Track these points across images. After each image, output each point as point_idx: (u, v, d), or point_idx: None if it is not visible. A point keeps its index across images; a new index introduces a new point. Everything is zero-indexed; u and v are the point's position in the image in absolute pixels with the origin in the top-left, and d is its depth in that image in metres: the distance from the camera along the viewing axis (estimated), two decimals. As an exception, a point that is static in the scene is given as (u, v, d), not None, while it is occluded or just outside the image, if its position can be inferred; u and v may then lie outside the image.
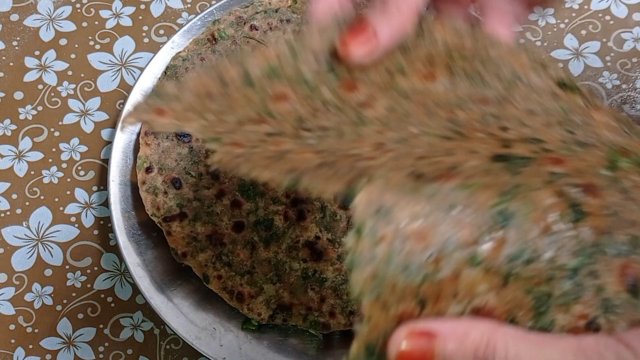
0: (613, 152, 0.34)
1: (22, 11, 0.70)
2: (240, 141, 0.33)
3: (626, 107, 0.63)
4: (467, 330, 0.27)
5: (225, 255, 0.57)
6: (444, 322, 0.28)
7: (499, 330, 0.27)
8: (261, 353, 0.56)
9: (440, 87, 0.37)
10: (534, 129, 0.35)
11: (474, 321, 0.28)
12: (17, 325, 0.59)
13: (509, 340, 0.27)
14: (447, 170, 0.31)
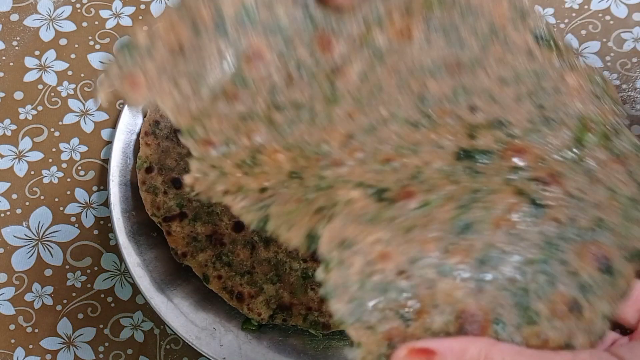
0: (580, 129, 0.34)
1: (22, 11, 0.70)
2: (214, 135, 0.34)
3: (626, 107, 0.63)
4: (464, 347, 0.28)
5: (225, 255, 0.57)
6: (443, 341, 0.29)
7: (495, 347, 0.28)
8: (261, 353, 0.56)
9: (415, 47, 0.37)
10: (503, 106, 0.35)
11: (471, 338, 0.28)
12: (17, 325, 0.59)
13: (505, 356, 0.27)
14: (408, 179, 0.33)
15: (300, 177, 0.34)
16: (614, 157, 0.35)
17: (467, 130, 0.35)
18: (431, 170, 0.34)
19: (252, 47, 0.35)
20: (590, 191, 0.33)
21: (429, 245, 0.31)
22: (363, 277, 0.31)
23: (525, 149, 0.34)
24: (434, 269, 0.31)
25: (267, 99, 0.35)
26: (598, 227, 0.32)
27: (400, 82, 0.36)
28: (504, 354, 0.28)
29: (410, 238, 0.32)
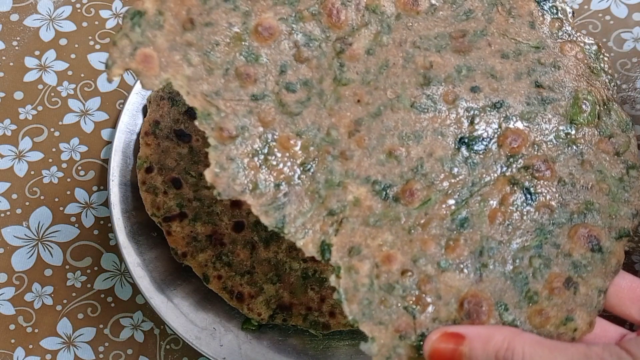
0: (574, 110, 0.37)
1: (22, 11, 0.70)
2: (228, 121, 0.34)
3: (626, 107, 0.63)
4: (491, 334, 0.31)
5: (225, 255, 0.57)
6: (472, 327, 0.32)
7: (518, 336, 0.30)
8: (261, 353, 0.56)
9: (422, 17, 0.38)
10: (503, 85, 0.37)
11: (498, 327, 0.31)
12: (17, 325, 0.59)
13: (526, 345, 0.30)
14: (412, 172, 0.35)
15: (311, 171, 0.35)
16: (603, 137, 0.37)
17: (469, 114, 0.37)
18: (433, 160, 0.36)
19: (261, 21, 0.35)
20: (580, 175, 0.35)
21: (429, 244, 0.34)
22: (371, 280, 0.33)
23: (520, 135, 0.36)
24: (434, 264, 0.33)
25: (277, 78, 0.36)
26: (587, 210, 0.34)
27: (406, 57, 0.37)
28: (525, 343, 0.30)
29: (411, 238, 0.34)
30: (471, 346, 0.31)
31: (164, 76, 0.34)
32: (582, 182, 0.35)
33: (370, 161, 0.36)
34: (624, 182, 0.36)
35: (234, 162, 0.34)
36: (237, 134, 0.34)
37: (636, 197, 0.35)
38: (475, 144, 0.36)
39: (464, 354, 0.31)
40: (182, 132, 0.61)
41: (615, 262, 0.34)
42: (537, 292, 0.33)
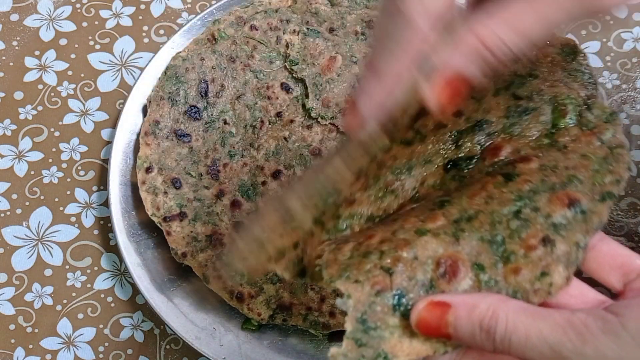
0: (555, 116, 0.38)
1: (22, 11, 0.70)
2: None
3: (626, 107, 0.63)
4: (476, 302, 0.31)
5: (225, 255, 0.57)
6: (458, 296, 0.32)
7: (503, 303, 0.30)
8: (261, 353, 0.56)
9: None
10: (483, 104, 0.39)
11: (483, 295, 0.31)
12: (17, 325, 0.59)
13: (510, 312, 0.30)
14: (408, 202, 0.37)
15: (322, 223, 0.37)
16: (586, 131, 0.37)
17: (453, 139, 0.38)
18: (426, 187, 0.38)
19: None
20: (563, 160, 0.36)
21: (410, 219, 0.35)
22: (352, 253, 0.34)
23: (503, 146, 0.37)
24: (412, 232, 0.34)
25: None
26: (570, 181, 0.34)
27: None
28: (509, 310, 0.30)
29: (394, 218, 0.36)
30: (456, 314, 0.31)
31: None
32: (565, 164, 0.35)
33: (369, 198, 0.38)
34: (609, 159, 0.36)
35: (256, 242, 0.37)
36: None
37: (621, 168, 0.35)
38: (462, 163, 0.38)
39: (449, 323, 0.31)
40: (182, 132, 0.61)
41: (597, 220, 0.33)
42: (514, 252, 0.33)
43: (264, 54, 0.64)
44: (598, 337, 0.28)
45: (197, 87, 0.62)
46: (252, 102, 0.62)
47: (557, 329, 0.29)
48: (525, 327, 0.29)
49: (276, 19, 0.65)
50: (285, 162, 0.60)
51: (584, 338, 0.28)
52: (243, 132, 0.61)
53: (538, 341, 0.29)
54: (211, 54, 0.63)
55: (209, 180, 0.59)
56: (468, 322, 0.30)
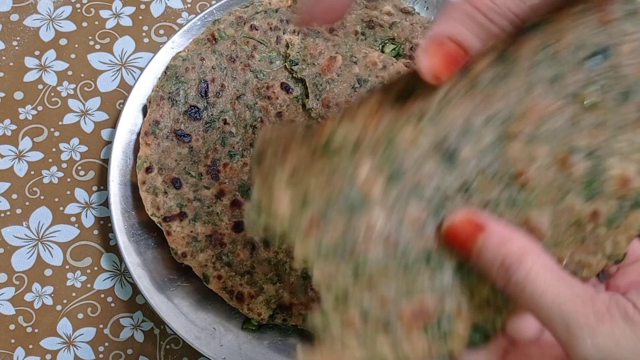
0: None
1: (22, 11, 0.70)
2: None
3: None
4: (510, 238, 0.30)
5: (225, 255, 0.57)
6: (498, 224, 0.30)
7: (534, 252, 0.29)
8: (261, 353, 0.56)
9: None
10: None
11: (522, 235, 0.30)
12: (17, 325, 0.59)
13: (536, 263, 0.29)
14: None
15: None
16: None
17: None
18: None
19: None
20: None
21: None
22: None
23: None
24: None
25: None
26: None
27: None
28: (537, 261, 0.29)
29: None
30: (487, 240, 0.30)
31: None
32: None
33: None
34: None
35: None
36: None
37: None
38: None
39: (476, 244, 0.30)
40: (182, 132, 0.61)
41: None
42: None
43: (264, 54, 0.64)
44: (617, 321, 0.27)
45: (197, 87, 0.62)
46: (252, 102, 0.62)
47: (575, 300, 0.28)
48: (545, 284, 0.28)
49: (276, 19, 0.65)
50: (285, 162, 0.60)
51: (601, 318, 0.27)
52: (243, 132, 0.61)
53: (551, 303, 0.28)
54: (211, 54, 0.63)
55: (209, 180, 0.59)
56: (494, 252, 0.30)
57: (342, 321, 0.32)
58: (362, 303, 0.32)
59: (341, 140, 0.33)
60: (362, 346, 0.31)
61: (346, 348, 0.31)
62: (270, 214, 0.33)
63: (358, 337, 0.31)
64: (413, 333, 0.32)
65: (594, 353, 0.27)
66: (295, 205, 0.33)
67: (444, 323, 0.32)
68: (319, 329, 0.32)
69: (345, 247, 0.32)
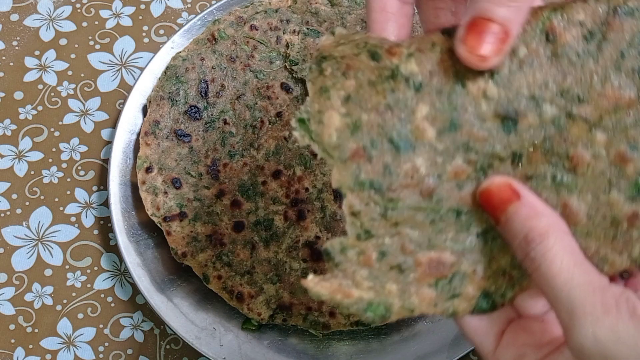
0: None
1: (22, 11, 0.70)
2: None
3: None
4: (541, 213, 0.30)
5: (225, 255, 0.57)
6: (534, 197, 0.31)
7: (560, 232, 0.29)
8: (261, 353, 0.56)
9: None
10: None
11: (554, 213, 0.30)
12: (17, 325, 0.59)
13: (558, 243, 0.29)
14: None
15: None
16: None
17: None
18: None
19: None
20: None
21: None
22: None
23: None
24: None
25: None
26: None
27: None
28: (559, 242, 0.29)
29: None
30: (518, 210, 0.30)
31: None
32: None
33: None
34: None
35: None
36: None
37: None
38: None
39: (506, 211, 0.30)
40: (182, 132, 0.61)
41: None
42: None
43: (264, 54, 0.64)
44: (623, 316, 0.27)
45: (197, 87, 0.62)
46: (252, 102, 0.62)
47: (587, 288, 0.28)
48: (562, 266, 0.28)
49: (276, 19, 0.65)
50: (285, 162, 0.60)
51: (607, 310, 0.27)
52: (243, 132, 0.61)
53: (562, 286, 0.28)
54: (211, 54, 0.63)
55: (209, 180, 0.59)
56: (521, 223, 0.30)
57: (359, 254, 0.31)
58: (383, 243, 0.31)
59: (407, 75, 0.32)
60: (372, 287, 0.31)
61: (356, 285, 0.31)
62: (319, 126, 0.32)
63: (370, 276, 0.31)
64: (424, 283, 0.31)
65: (592, 342, 0.27)
66: (345, 128, 0.32)
67: (456, 282, 0.32)
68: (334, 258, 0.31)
69: (383, 185, 0.32)
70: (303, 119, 0.32)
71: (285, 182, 0.59)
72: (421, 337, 0.57)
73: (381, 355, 0.56)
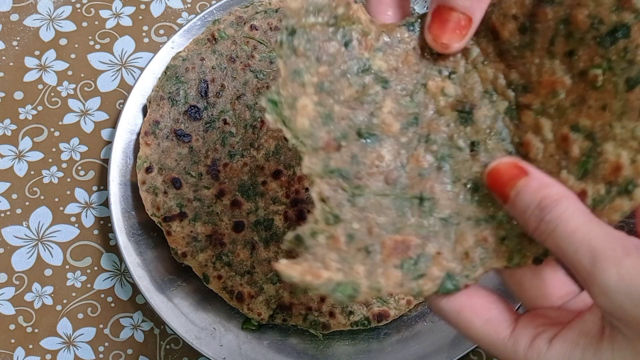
0: None
1: (22, 11, 0.70)
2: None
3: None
4: (550, 184, 0.31)
5: (225, 255, 0.57)
6: (539, 171, 0.32)
7: (572, 197, 0.31)
8: (261, 353, 0.56)
9: None
10: None
11: (560, 184, 0.31)
12: (17, 325, 0.59)
13: (572, 207, 0.30)
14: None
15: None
16: None
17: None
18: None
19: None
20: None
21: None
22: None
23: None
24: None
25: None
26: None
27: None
28: (572, 205, 0.30)
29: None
30: (527, 183, 0.31)
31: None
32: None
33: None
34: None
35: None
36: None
37: None
38: None
39: (516, 186, 0.31)
40: (182, 132, 0.61)
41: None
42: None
43: (264, 54, 0.64)
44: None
45: (197, 87, 0.62)
46: (252, 102, 0.62)
47: (606, 237, 0.29)
48: (577, 224, 0.29)
49: (276, 19, 0.65)
50: (285, 162, 0.60)
51: (628, 252, 0.28)
52: (243, 132, 0.61)
53: (582, 239, 0.29)
54: (211, 54, 0.63)
55: (209, 180, 0.59)
56: (532, 194, 0.31)
57: (328, 237, 0.32)
58: (351, 227, 0.32)
59: (376, 71, 0.34)
60: (340, 269, 0.31)
61: (326, 267, 0.32)
62: (292, 111, 0.32)
63: (339, 258, 0.32)
64: (390, 264, 0.32)
65: (617, 281, 0.28)
66: (317, 117, 0.33)
67: (421, 263, 0.33)
68: (305, 242, 0.32)
69: (350, 173, 0.33)
70: (275, 101, 0.32)
71: (285, 182, 0.59)
72: (421, 337, 0.57)
73: (381, 355, 0.56)
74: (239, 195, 0.59)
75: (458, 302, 0.33)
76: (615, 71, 0.31)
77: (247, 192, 0.59)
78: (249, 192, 0.59)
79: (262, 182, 0.59)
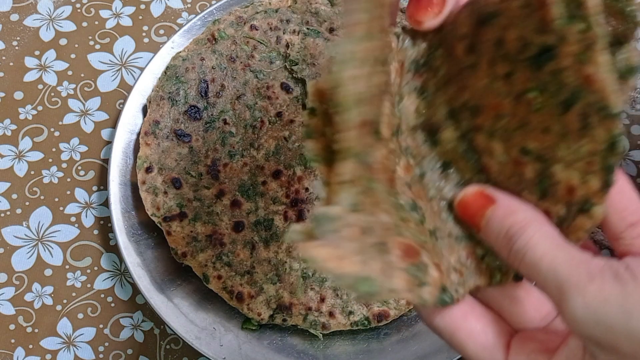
0: None
1: (22, 11, 0.70)
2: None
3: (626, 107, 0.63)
4: (516, 210, 0.31)
5: (225, 255, 0.57)
6: (506, 197, 0.32)
7: (537, 222, 0.30)
8: (261, 353, 0.56)
9: None
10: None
11: (528, 207, 0.31)
12: (17, 325, 0.59)
13: (538, 233, 0.30)
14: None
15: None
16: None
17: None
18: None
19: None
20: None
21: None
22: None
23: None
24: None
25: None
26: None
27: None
28: (539, 231, 0.30)
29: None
30: (495, 212, 0.31)
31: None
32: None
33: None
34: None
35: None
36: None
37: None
38: None
39: (485, 216, 0.32)
40: (182, 132, 0.61)
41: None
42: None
43: (264, 54, 0.64)
44: (607, 280, 0.28)
45: (197, 87, 0.62)
46: (252, 102, 0.62)
47: (570, 263, 0.29)
48: (544, 250, 0.29)
49: (276, 19, 0.65)
50: (285, 162, 0.60)
51: (592, 278, 0.28)
52: (243, 132, 0.61)
53: (548, 267, 0.29)
54: (211, 54, 0.63)
55: (209, 180, 0.59)
56: (500, 223, 0.31)
57: (347, 226, 0.30)
58: (365, 220, 0.31)
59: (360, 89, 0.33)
60: (360, 261, 0.30)
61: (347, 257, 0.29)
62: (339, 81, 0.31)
63: (358, 250, 0.30)
64: (400, 266, 0.31)
65: (583, 310, 0.28)
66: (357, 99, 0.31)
67: (422, 271, 0.31)
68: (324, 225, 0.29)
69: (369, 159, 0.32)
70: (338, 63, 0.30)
71: (285, 182, 0.59)
72: (421, 337, 0.57)
73: (381, 355, 0.56)
74: (239, 195, 0.59)
75: (453, 321, 0.33)
76: (550, 93, 0.30)
77: (247, 192, 0.59)
78: (249, 192, 0.59)
79: (262, 182, 0.59)
